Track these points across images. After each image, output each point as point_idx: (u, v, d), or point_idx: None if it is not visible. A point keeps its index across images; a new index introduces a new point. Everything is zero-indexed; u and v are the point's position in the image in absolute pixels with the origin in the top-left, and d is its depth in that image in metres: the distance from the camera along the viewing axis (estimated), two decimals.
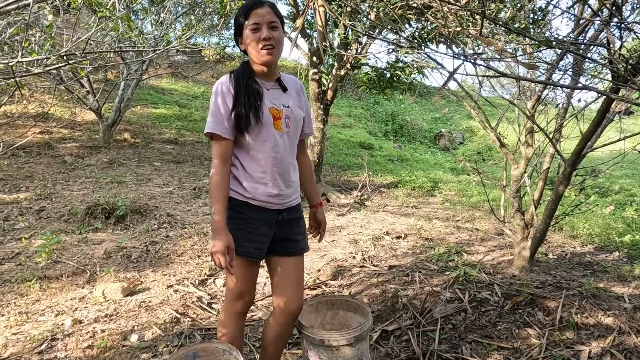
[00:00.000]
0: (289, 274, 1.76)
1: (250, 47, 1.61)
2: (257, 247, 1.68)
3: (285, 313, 1.75)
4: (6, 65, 1.88)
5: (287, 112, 1.71)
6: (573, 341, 2.21)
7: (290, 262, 1.77)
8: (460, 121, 14.79)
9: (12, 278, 3.04)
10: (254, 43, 1.59)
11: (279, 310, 1.75)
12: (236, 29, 1.66)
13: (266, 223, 1.70)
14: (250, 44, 1.60)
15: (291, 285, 1.75)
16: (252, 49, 1.61)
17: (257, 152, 1.65)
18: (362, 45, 5.76)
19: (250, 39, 1.60)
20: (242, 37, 1.64)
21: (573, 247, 3.93)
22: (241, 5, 1.66)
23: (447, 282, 2.82)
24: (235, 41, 1.70)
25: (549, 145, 3.17)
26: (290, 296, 1.74)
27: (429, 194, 6.63)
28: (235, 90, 1.62)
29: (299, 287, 1.78)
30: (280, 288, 1.75)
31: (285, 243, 1.76)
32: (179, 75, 12.33)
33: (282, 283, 1.75)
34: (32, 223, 4.18)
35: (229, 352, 1.72)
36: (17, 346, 2.30)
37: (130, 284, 2.97)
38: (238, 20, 1.64)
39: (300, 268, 1.80)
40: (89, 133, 7.64)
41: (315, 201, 1.94)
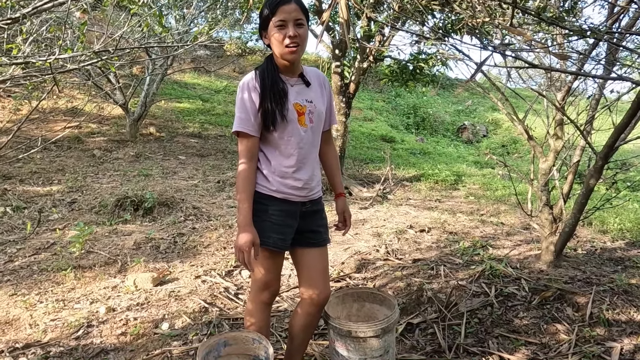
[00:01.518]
0: (315, 264, 1.79)
1: (275, 43, 1.61)
2: (282, 239, 1.71)
3: (314, 303, 1.77)
4: (44, 62, 1.95)
5: (310, 107, 1.72)
6: (604, 337, 2.17)
7: (315, 253, 1.80)
8: (484, 113, 14.51)
9: (49, 267, 3.17)
10: (279, 40, 1.59)
11: (307, 300, 1.78)
12: (261, 22, 1.65)
13: (290, 215, 1.72)
14: (275, 40, 1.60)
15: (318, 276, 1.78)
16: (276, 46, 1.61)
17: (282, 148, 1.68)
18: (385, 38, 5.71)
19: (275, 36, 1.60)
20: (267, 32, 1.64)
21: (603, 242, 3.83)
22: None
23: (472, 276, 2.80)
24: (260, 34, 1.69)
25: (579, 138, 3.09)
26: (318, 286, 1.77)
27: (453, 187, 6.56)
28: (261, 87, 1.64)
29: (325, 277, 1.80)
30: (307, 279, 1.78)
31: (308, 235, 1.79)
32: (202, 69, 12.48)
33: (309, 274, 1.78)
34: (65, 214, 4.34)
35: (258, 340, 1.77)
36: (55, 332, 2.41)
37: (160, 274, 3.06)
38: (263, 14, 1.62)
39: (325, 259, 1.82)
40: (116, 127, 7.84)
41: (339, 190, 1.96)
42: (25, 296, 2.78)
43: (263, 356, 1.76)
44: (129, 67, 8.62)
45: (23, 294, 2.80)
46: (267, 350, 1.72)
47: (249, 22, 10.65)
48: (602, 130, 3.13)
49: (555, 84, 3.12)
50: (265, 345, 1.74)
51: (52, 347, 2.27)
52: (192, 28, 7.73)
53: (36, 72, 2.32)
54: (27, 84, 2.35)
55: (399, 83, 6.53)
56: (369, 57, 5.68)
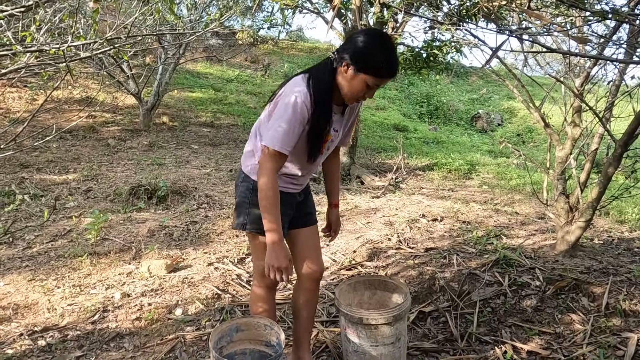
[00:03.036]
0: (308, 242, 1.88)
1: (352, 87, 1.54)
2: (284, 227, 1.73)
3: (311, 278, 1.86)
4: (57, 49, 1.96)
5: (334, 136, 1.74)
6: (620, 328, 2.13)
7: (308, 232, 1.88)
8: (499, 102, 14.26)
9: (65, 253, 3.23)
10: (358, 90, 1.55)
11: (304, 276, 1.87)
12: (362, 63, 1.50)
13: (288, 204, 1.77)
14: (355, 88, 1.54)
15: (312, 252, 1.87)
16: (351, 90, 1.55)
17: (294, 162, 1.71)
18: (398, 24, 5.62)
19: (358, 85, 1.54)
20: (356, 72, 1.51)
21: (620, 232, 3.76)
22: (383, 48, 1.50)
23: (485, 266, 2.77)
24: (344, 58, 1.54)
25: (597, 126, 3.02)
26: (312, 262, 1.86)
27: (466, 176, 6.48)
28: (315, 113, 1.57)
29: (318, 253, 1.91)
30: (302, 256, 1.87)
31: (300, 217, 1.87)
32: (214, 59, 12.48)
33: (303, 251, 1.87)
34: (81, 202, 4.41)
35: (270, 327, 1.78)
36: (72, 316, 2.46)
37: (173, 261, 3.10)
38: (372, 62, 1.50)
39: (316, 237, 1.92)
40: (130, 117, 7.91)
41: (336, 201, 2.01)
42: (43, 281, 2.84)
43: (275, 342, 1.78)
44: (141, 57, 8.66)
45: (41, 280, 2.87)
46: (279, 336, 1.73)
47: (261, 10, 10.59)
48: (621, 117, 3.05)
49: (574, 70, 3.04)
50: (277, 331, 1.75)
51: (69, 330, 2.32)
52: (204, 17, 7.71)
53: (50, 59, 2.33)
54: (42, 73, 2.36)
55: (412, 71, 6.43)
56: None
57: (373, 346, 1.83)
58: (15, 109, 7.26)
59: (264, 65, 13.36)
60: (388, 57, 1.51)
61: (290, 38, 16.79)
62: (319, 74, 1.59)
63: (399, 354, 1.89)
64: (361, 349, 1.85)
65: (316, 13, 6.42)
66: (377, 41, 1.52)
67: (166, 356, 2.13)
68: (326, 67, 1.59)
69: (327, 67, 1.59)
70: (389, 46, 1.52)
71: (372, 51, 1.50)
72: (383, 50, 1.51)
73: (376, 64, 1.50)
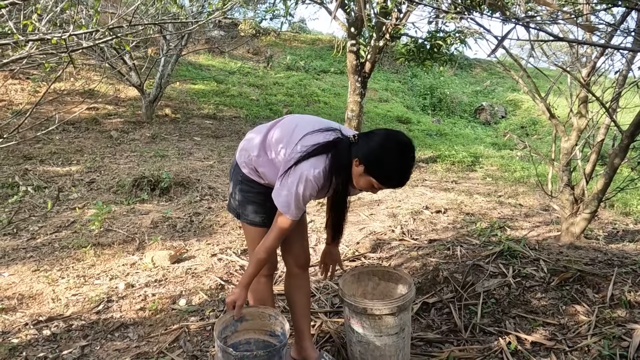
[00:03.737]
0: (295, 230, 1.85)
1: (359, 182, 1.58)
2: (269, 216, 1.75)
3: (296, 264, 1.93)
4: (59, 38, 1.94)
5: None
6: (625, 319, 2.12)
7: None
8: (503, 94, 14.17)
9: (69, 244, 3.24)
10: (365, 187, 1.60)
11: (290, 263, 1.93)
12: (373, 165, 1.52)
13: None
14: (363, 184, 1.58)
15: (298, 240, 1.91)
16: (358, 184, 1.59)
17: None
18: (402, 14, 5.57)
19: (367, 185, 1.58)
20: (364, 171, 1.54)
21: (625, 224, 3.74)
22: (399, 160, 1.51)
23: (489, 257, 2.76)
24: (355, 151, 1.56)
25: (603, 117, 2.99)
26: (299, 249, 1.92)
27: (469, 168, 6.46)
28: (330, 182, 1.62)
29: (305, 240, 1.95)
30: (289, 244, 1.91)
31: None
32: (216, 50, 12.42)
33: (290, 239, 1.88)
34: (84, 194, 4.41)
35: (274, 317, 1.78)
36: (77, 306, 2.47)
37: (177, 252, 3.10)
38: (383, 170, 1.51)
39: (304, 225, 1.96)
40: (132, 109, 7.89)
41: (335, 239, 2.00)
42: (47, 272, 2.85)
43: (279, 332, 1.78)
44: (143, 48, 8.63)
45: (45, 270, 2.88)
46: (284, 326, 1.73)
47: (263, 2, 10.50)
48: (628, 107, 3.02)
49: (581, 60, 3.00)
50: (281, 321, 1.75)
51: (74, 320, 2.33)
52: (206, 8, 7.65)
53: (52, 49, 2.32)
54: (44, 65, 2.35)
55: (415, 62, 6.39)
56: (385, 35, 5.55)
57: (377, 336, 1.83)
58: (17, 100, 7.25)
59: (266, 57, 13.30)
60: (401, 171, 1.51)
61: (292, 30, 16.69)
62: (338, 158, 1.58)
63: (403, 344, 1.89)
64: (365, 339, 1.85)
65: (319, 4, 6.36)
66: (394, 151, 1.50)
67: (170, 346, 2.13)
68: (345, 151, 1.58)
69: (346, 151, 1.58)
70: (406, 159, 1.51)
71: (386, 160, 1.50)
72: (398, 163, 1.51)
73: (387, 174, 1.51)
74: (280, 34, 15.33)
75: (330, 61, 14.18)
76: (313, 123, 1.68)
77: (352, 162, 1.57)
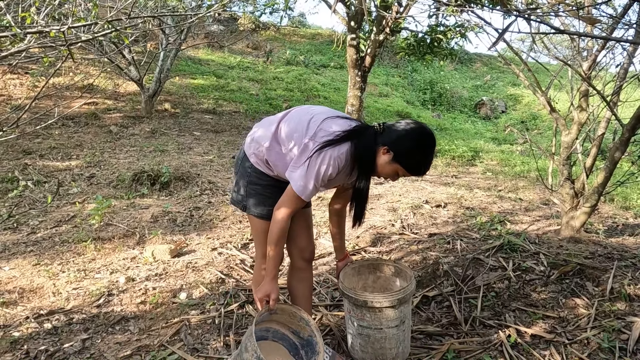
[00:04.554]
0: (301, 222, 1.91)
1: (384, 170, 1.60)
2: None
3: (302, 257, 1.92)
4: (58, 31, 1.93)
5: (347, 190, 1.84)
6: (625, 312, 2.13)
7: (301, 213, 1.90)
8: (503, 89, 14.14)
9: (70, 239, 3.24)
10: (390, 175, 1.62)
11: (295, 256, 1.93)
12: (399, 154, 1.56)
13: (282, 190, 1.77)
14: (388, 172, 1.61)
15: (303, 232, 1.91)
16: (383, 171, 1.61)
17: None
18: (402, 8, 5.54)
19: (392, 173, 1.61)
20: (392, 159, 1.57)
21: (625, 218, 3.74)
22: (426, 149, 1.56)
23: (489, 251, 2.77)
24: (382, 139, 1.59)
25: (604, 110, 2.98)
26: (304, 242, 1.91)
27: (470, 163, 6.45)
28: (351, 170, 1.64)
29: (310, 233, 1.94)
30: (295, 236, 1.91)
31: None
32: (215, 45, 12.36)
33: (296, 231, 1.89)
34: (84, 189, 4.41)
35: (306, 322, 1.77)
36: (77, 300, 2.47)
37: (177, 246, 3.10)
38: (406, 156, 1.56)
39: (309, 218, 1.96)
40: (132, 104, 7.87)
41: (344, 253, 2.05)
42: (48, 266, 2.85)
43: (305, 336, 1.75)
44: (142, 42, 8.59)
45: (46, 264, 2.88)
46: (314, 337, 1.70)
47: None
48: (629, 101, 3.01)
49: (582, 53, 2.99)
50: (313, 330, 1.71)
51: (75, 314, 2.34)
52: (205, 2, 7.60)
53: (51, 42, 2.30)
54: (43, 59, 2.34)
55: (415, 57, 6.37)
56: (386, 29, 5.52)
57: (377, 329, 1.83)
58: (16, 95, 7.23)
59: (265, 51, 13.25)
60: (427, 160, 1.58)
61: (292, 24, 16.61)
62: (364, 140, 1.60)
63: (403, 337, 1.89)
64: (365, 332, 1.85)
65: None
66: (423, 142, 1.56)
67: (171, 339, 2.14)
68: (370, 138, 1.60)
69: (372, 138, 1.60)
70: (430, 149, 1.58)
71: (416, 150, 1.56)
72: (425, 152, 1.57)
73: (416, 163, 1.57)
74: (279, 29, 15.27)
75: (330, 56, 14.13)
76: (327, 112, 1.69)
77: (377, 150, 1.58)
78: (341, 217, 2.01)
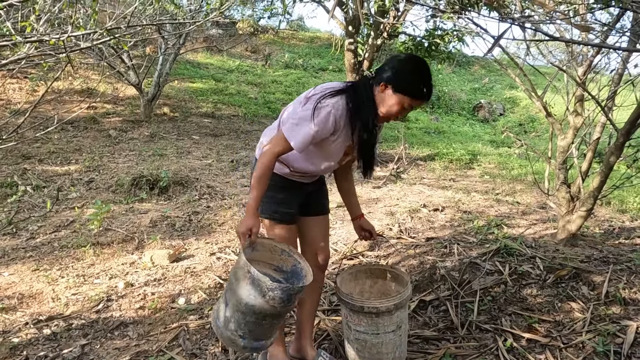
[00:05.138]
0: (318, 230, 1.92)
1: (388, 106, 1.59)
2: (289, 212, 1.80)
3: (317, 266, 1.91)
4: (57, 39, 1.95)
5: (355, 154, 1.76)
6: (620, 316, 2.15)
7: (320, 221, 1.92)
8: (501, 91, 14.18)
9: (69, 244, 3.25)
10: (394, 111, 1.60)
11: (310, 262, 1.87)
12: (401, 85, 1.56)
13: (297, 193, 1.83)
14: (391, 107, 1.59)
15: (320, 240, 1.92)
16: (387, 109, 1.60)
17: (314, 162, 1.73)
18: (399, 13, 5.57)
19: (394, 106, 1.59)
20: (394, 91, 1.57)
21: (622, 221, 3.77)
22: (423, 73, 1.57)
23: (486, 255, 2.79)
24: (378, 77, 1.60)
25: (599, 115, 3.00)
26: (321, 251, 1.92)
27: (467, 166, 6.48)
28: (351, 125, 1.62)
29: (326, 241, 1.96)
30: (311, 243, 1.91)
31: (314, 205, 1.91)
32: (214, 49, 12.39)
33: (312, 239, 1.91)
34: (83, 193, 4.42)
35: (287, 253, 1.72)
36: (77, 305, 2.49)
37: (176, 251, 3.12)
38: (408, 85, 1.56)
39: (326, 225, 1.97)
40: (131, 108, 7.89)
41: (357, 213, 2.02)
42: (47, 271, 2.87)
43: (287, 268, 1.72)
44: (142, 47, 8.62)
45: (45, 269, 2.89)
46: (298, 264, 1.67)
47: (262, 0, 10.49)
48: (624, 106, 3.03)
49: (577, 59, 3.02)
50: (297, 258, 1.68)
51: (74, 319, 2.35)
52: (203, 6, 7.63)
53: (50, 50, 2.32)
54: (42, 64, 2.36)
55: None
56: (383, 33, 5.55)
57: (374, 334, 1.85)
58: (15, 100, 7.25)
59: (264, 55, 13.28)
60: (427, 82, 1.58)
61: (290, 27, 16.66)
62: (359, 90, 1.62)
63: (400, 342, 1.91)
64: (362, 336, 1.87)
65: (317, 2, 6.37)
66: (417, 66, 1.58)
67: (170, 344, 2.15)
68: (365, 84, 1.62)
69: (366, 84, 1.62)
70: (428, 73, 1.59)
71: (412, 74, 1.57)
72: (423, 75, 1.57)
73: (416, 86, 1.57)
74: (278, 32, 15.32)
75: (329, 59, 14.17)
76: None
77: (374, 91, 1.60)
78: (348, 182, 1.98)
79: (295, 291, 1.54)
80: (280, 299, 1.48)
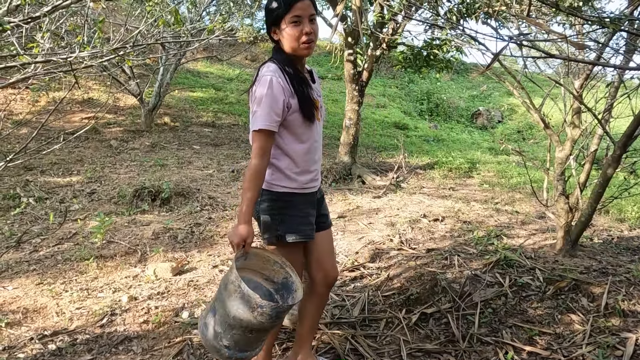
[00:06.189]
0: (324, 246, 1.88)
1: (288, 39, 1.60)
2: (311, 228, 1.77)
3: (325, 283, 1.87)
4: (65, 60, 1.99)
5: (320, 102, 1.78)
6: (619, 328, 2.17)
7: (324, 235, 1.89)
8: (500, 98, 14.26)
9: (72, 257, 3.28)
10: (295, 36, 1.58)
11: (319, 281, 1.86)
12: (272, 18, 1.61)
13: (311, 205, 1.79)
14: (289, 36, 1.59)
15: (327, 257, 1.88)
16: (290, 41, 1.60)
17: (304, 143, 1.69)
18: (398, 25, 5.64)
19: (289, 32, 1.58)
20: (278, 27, 1.61)
21: (620, 231, 3.80)
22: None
23: (486, 266, 2.82)
24: (268, 30, 1.66)
25: (597, 126, 3.05)
26: (328, 266, 1.87)
27: (467, 175, 6.52)
28: (290, 80, 1.61)
29: (333, 257, 1.94)
30: (318, 260, 1.86)
31: (319, 219, 1.86)
32: (214, 58, 12.48)
33: (319, 255, 1.86)
34: (85, 205, 4.45)
35: (280, 265, 1.70)
36: (81, 319, 2.51)
37: (179, 264, 3.14)
38: (274, 9, 1.58)
39: (331, 240, 1.95)
40: (132, 118, 7.94)
41: None
42: (51, 285, 2.89)
43: (278, 280, 1.71)
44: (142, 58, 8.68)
45: (49, 283, 2.91)
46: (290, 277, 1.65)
47: (260, 10, 10.57)
48: (621, 117, 3.08)
49: (573, 72, 3.07)
50: (288, 271, 1.67)
51: (78, 334, 2.37)
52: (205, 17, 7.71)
53: (55, 67, 2.37)
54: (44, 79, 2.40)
55: (412, 69, 6.46)
56: (382, 44, 5.62)
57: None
58: (17, 110, 7.29)
59: None
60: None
61: None
62: (275, 54, 1.68)
63: None
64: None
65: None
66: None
67: (174, 359, 2.17)
68: (275, 48, 1.69)
69: (275, 47, 1.69)
70: None
71: (268, 3, 1.63)
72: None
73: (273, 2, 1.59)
74: None
75: (328, 67, 14.26)
76: None
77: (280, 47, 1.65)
78: None
79: (284, 309, 1.55)
80: (268, 316, 1.49)
